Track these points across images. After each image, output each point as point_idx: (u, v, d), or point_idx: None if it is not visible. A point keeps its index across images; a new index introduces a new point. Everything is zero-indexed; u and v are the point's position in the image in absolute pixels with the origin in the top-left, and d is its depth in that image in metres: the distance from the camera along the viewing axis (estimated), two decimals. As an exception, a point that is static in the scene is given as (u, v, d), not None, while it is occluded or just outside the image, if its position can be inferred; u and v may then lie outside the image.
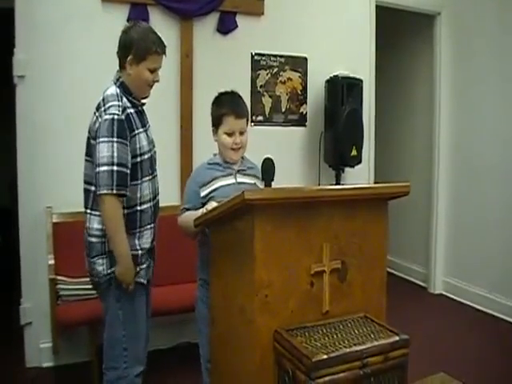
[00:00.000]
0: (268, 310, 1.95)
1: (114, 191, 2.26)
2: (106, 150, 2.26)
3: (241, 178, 2.57)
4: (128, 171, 2.32)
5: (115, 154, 2.26)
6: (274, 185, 2.20)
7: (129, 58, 2.38)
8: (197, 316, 2.66)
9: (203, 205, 2.49)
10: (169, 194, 2.67)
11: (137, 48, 2.36)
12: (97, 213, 2.39)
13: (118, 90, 2.41)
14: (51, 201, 3.58)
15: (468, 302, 5.05)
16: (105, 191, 2.25)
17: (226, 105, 2.54)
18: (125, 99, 2.40)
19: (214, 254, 2.32)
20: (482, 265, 4.91)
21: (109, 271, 2.43)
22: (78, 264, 3.42)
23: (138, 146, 2.40)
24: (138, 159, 2.40)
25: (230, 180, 2.55)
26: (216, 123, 2.56)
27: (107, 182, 2.25)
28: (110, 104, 2.34)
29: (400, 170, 6.05)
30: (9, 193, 5.11)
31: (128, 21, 3.74)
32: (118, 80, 2.45)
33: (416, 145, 5.88)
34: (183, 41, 3.96)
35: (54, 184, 3.60)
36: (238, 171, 2.58)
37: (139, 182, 2.42)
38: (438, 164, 5.42)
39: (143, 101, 2.57)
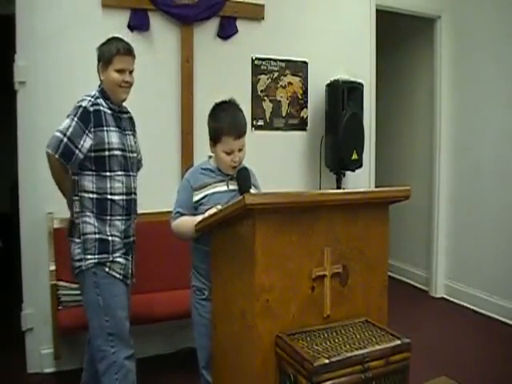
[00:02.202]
0: (269, 314, 1.95)
1: (57, 156, 2.55)
2: (66, 122, 2.54)
3: (233, 185, 2.53)
4: (76, 151, 2.52)
5: (70, 130, 2.52)
6: (275, 189, 2.20)
7: (99, 66, 2.66)
8: (192, 322, 2.67)
9: (195, 209, 2.49)
10: (170, 199, 2.66)
11: (103, 55, 2.64)
12: (77, 198, 2.63)
13: (97, 94, 2.65)
14: (52, 206, 3.57)
15: (469, 306, 5.04)
16: (50, 151, 2.57)
17: (225, 122, 2.45)
18: (101, 100, 2.63)
19: (215, 258, 2.33)
20: (484, 268, 4.90)
21: (82, 256, 2.60)
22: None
23: (106, 140, 2.58)
24: (107, 153, 2.59)
25: (222, 187, 2.51)
26: (214, 139, 2.50)
27: (55, 146, 2.54)
28: (83, 98, 2.62)
29: (401, 174, 6.06)
30: (10, 198, 5.12)
31: (128, 27, 3.78)
32: (99, 86, 2.70)
33: (417, 148, 5.88)
34: (184, 46, 3.97)
35: (54, 190, 3.57)
36: (231, 178, 2.54)
37: (108, 174, 2.60)
38: (438, 167, 5.41)
39: (126, 107, 2.78)
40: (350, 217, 2.14)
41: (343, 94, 4.35)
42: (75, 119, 2.52)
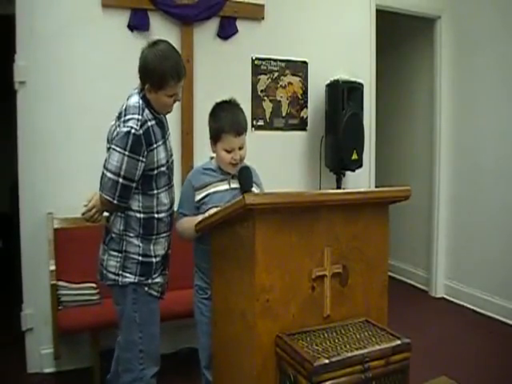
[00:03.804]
0: (269, 314, 1.95)
1: (115, 201, 2.37)
2: (116, 159, 2.33)
3: (235, 184, 2.55)
4: (133, 184, 2.38)
5: (123, 167, 2.32)
6: (275, 189, 2.20)
7: (147, 86, 2.40)
8: (195, 321, 2.68)
9: (197, 209, 2.51)
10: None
11: (153, 78, 2.37)
12: (122, 215, 2.47)
13: (141, 102, 2.42)
14: (52, 207, 3.58)
15: (469, 306, 5.04)
16: (107, 197, 2.37)
17: (224, 120, 2.48)
18: (147, 111, 2.42)
19: (215, 258, 2.33)
20: (484, 268, 4.90)
21: (120, 272, 2.49)
22: (79, 269, 3.45)
23: (155, 159, 2.43)
24: (155, 172, 2.45)
25: (224, 186, 2.54)
26: (214, 138, 2.52)
27: (111, 191, 2.35)
28: (130, 117, 2.36)
29: (401, 174, 6.05)
30: (10, 198, 5.12)
31: (128, 27, 3.78)
32: (141, 91, 2.46)
33: (417, 148, 5.88)
34: (184, 46, 3.96)
35: (54, 190, 3.60)
36: (233, 177, 2.56)
37: (155, 191, 2.48)
38: (438, 167, 5.41)
39: None
40: (350, 217, 2.14)
41: (343, 94, 4.35)
42: (127, 153, 2.31)
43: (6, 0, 3.62)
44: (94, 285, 3.39)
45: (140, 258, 2.49)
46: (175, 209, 2.64)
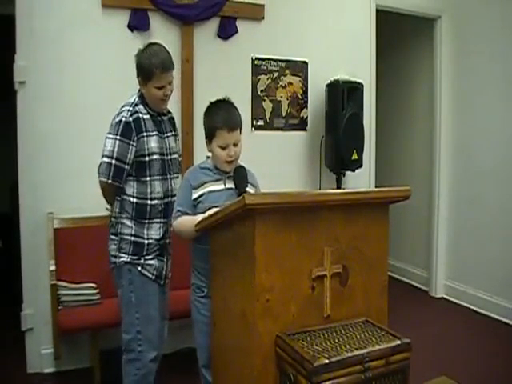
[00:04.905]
0: (269, 314, 1.95)
1: (110, 181, 2.62)
2: (109, 144, 2.59)
3: (230, 184, 2.54)
4: (126, 166, 2.62)
5: (115, 150, 2.58)
6: (275, 189, 2.20)
7: (138, 80, 2.67)
8: (192, 320, 2.68)
9: (194, 207, 2.51)
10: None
11: (142, 71, 2.63)
12: (119, 198, 2.71)
13: (137, 99, 2.70)
14: (52, 206, 3.58)
15: (469, 306, 5.04)
16: (103, 179, 2.63)
17: (218, 117, 2.50)
18: (141, 106, 2.68)
19: (215, 258, 2.33)
20: (484, 268, 4.90)
21: (117, 253, 2.70)
22: (79, 269, 3.45)
23: (146, 146, 2.64)
24: (147, 158, 2.65)
25: (220, 186, 2.53)
26: (209, 136, 2.53)
27: (105, 172, 2.61)
28: (122, 109, 2.65)
29: (401, 174, 6.05)
30: (10, 198, 5.13)
31: (128, 27, 3.78)
32: (139, 90, 2.72)
33: (417, 148, 5.88)
34: (184, 46, 3.97)
35: (55, 190, 3.61)
36: (229, 177, 2.55)
37: (148, 178, 2.67)
38: (438, 167, 5.41)
39: (167, 108, 2.83)
40: (350, 217, 2.14)
41: (343, 94, 4.35)
42: (118, 137, 2.58)
43: (6, 0, 3.62)
44: (93, 285, 3.39)
45: (132, 239, 2.68)
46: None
